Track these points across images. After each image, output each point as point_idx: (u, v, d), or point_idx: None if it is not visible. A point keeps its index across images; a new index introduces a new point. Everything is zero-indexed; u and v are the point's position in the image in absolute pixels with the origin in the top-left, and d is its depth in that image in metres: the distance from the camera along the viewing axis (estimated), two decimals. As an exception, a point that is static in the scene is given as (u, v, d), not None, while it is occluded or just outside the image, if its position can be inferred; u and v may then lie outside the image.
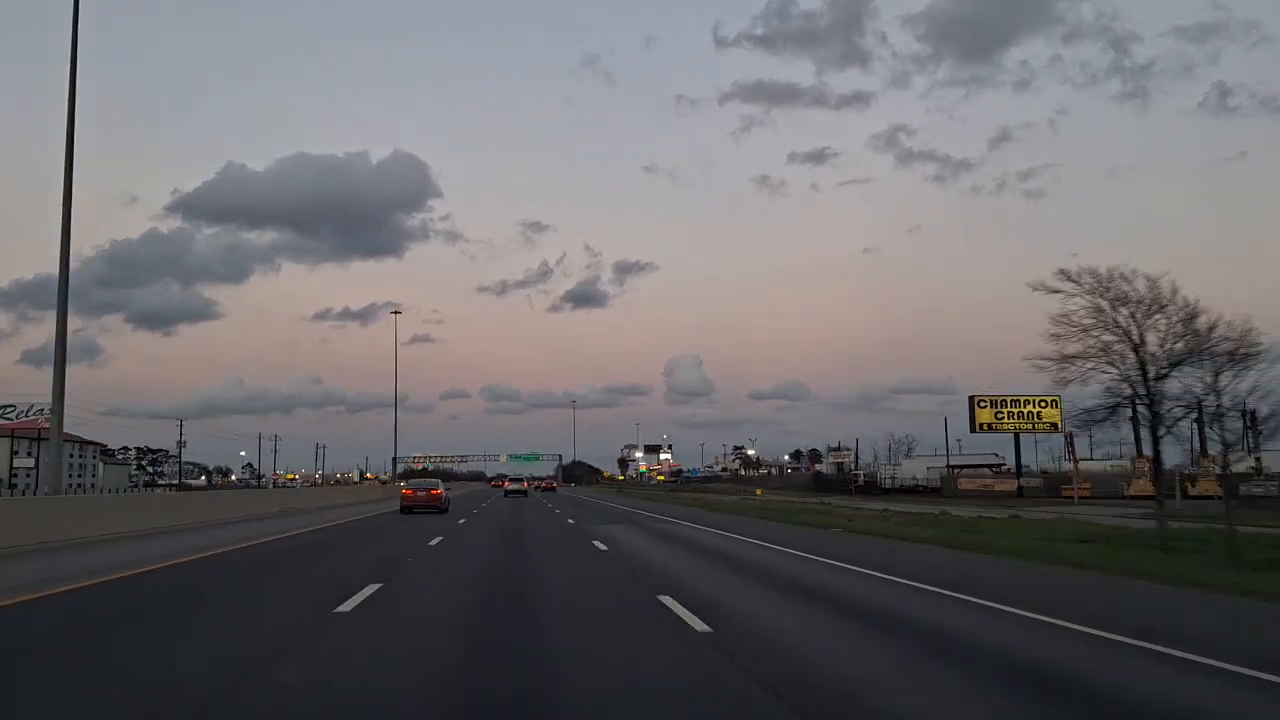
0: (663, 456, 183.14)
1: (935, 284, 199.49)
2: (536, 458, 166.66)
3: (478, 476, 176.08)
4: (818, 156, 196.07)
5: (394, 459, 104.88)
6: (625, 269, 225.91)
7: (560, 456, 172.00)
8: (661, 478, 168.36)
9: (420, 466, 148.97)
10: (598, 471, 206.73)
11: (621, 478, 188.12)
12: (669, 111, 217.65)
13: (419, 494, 35.87)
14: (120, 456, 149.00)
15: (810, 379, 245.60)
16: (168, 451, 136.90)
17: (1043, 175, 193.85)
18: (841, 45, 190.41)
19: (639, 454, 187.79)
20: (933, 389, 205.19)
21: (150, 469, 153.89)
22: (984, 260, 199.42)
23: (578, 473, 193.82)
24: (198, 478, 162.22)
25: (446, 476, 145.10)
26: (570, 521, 29.81)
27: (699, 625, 8.33)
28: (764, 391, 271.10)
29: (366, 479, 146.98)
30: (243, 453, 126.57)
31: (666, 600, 10.04)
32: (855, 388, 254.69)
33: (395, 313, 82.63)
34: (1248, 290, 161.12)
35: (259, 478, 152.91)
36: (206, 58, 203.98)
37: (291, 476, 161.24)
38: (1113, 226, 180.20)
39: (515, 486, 73.39)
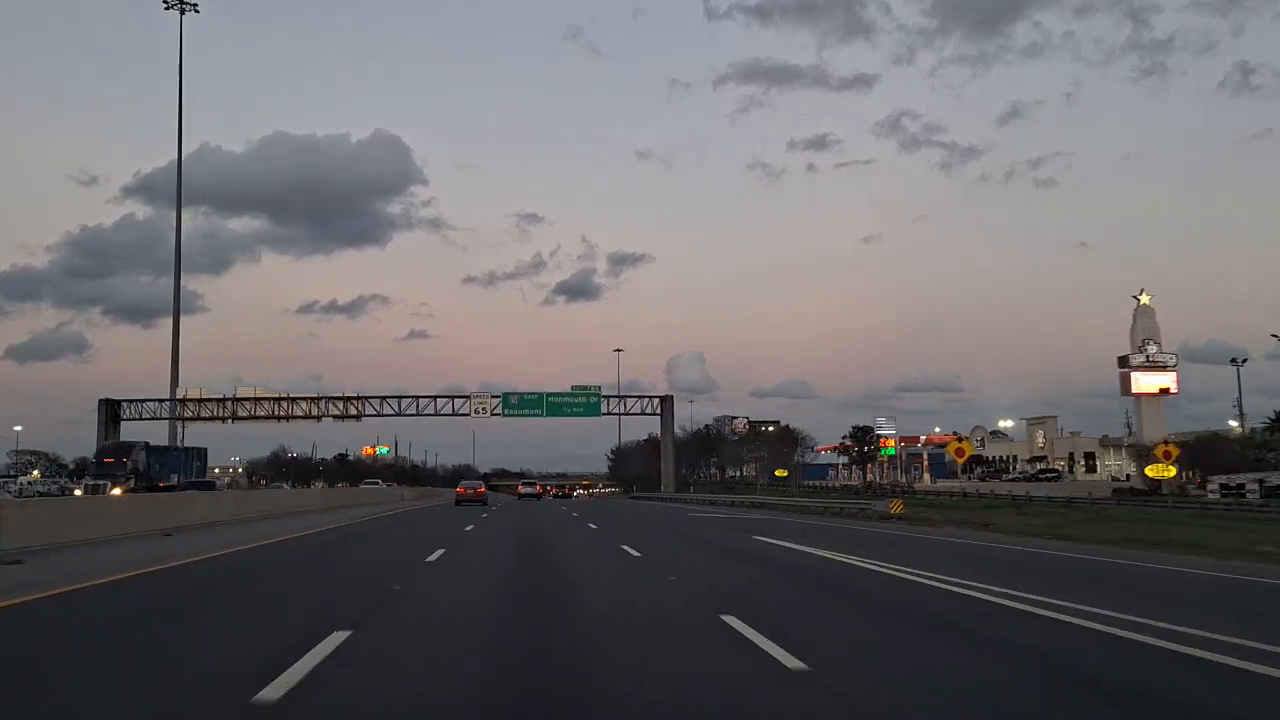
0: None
1: (941, 275, 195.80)
2: (587, 400, 77.82)
3: (464, 473, 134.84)
4: (818, 143, 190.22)
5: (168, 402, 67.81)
6: (620, 260, 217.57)
7: (670, 400, 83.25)
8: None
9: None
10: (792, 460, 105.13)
11: (783, 472, 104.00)
12: (662, 95, 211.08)
13: (469, 491, 48.05)
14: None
15: (812, 377, 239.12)
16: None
17: (1053, 163, 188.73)
18: (843, 17, 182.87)
19: (741, 421, 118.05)
20: (939, 386, 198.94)
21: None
22: (993, 250, 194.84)
23: (711, 459, 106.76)
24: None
25: (429, 479, 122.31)
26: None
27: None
28: (766, 390, 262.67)
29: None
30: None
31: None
32: (859, 385, 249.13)
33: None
34: (1270, 274, 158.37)
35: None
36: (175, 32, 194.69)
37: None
38: (1126, 215, 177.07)
39: (529, 490, 75.83)
